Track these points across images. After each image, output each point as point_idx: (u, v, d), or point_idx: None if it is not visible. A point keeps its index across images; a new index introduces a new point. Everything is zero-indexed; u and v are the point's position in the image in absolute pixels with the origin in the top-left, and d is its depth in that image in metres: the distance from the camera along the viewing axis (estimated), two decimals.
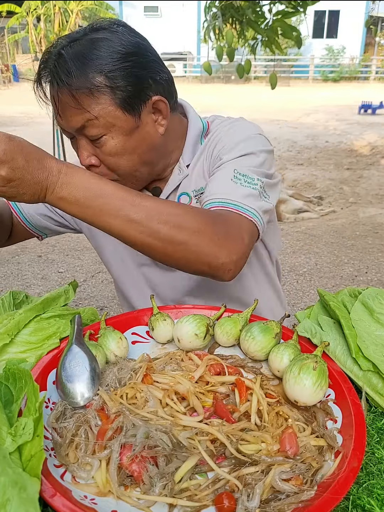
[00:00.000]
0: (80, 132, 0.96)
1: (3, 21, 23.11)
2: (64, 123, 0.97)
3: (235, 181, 0.97)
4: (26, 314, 0.83)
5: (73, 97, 0.91)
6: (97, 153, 0.99)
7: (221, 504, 0.55)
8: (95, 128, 0.95)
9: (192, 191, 1.14)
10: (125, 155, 1.00)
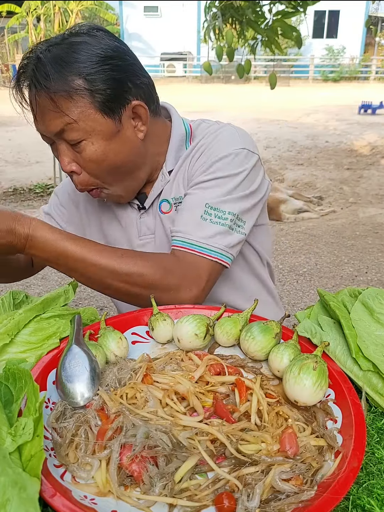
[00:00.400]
0: (59, 136, 0.96)
1: (3, 21, 23.11)
2: (42, 127, 0.97)
3: (205, 218, 1.01)
4: (26, 314, 0.83)
5: (52, 100, 0.91)
6: (78, 159, 0.99)
7: (221, 504, 0.55)
8: (74, 132, 0.95)
9: (172, 199, 1.14)
10: (106, 161, 0.99)
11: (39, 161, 7.93)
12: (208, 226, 1.00)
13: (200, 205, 1.01)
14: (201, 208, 1.01)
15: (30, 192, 6.24)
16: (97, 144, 0.97)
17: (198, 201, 1.02)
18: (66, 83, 0.91)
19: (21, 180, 6.81)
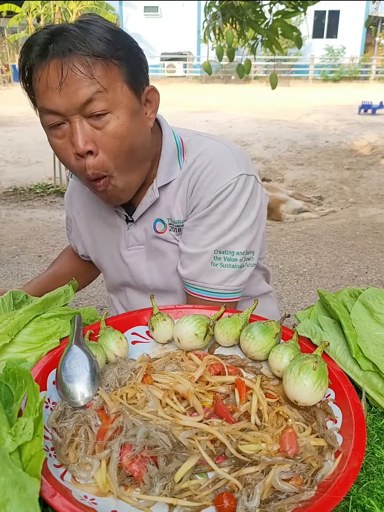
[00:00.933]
0: (82, 109, 0.89)
1: (3, 21, 23.10)
2: (63, 99, 0.89)
3: (215, 264, 1.06)
4: (26, 314, 0.83)
5: (87, 65, 0.88)
6: (97, 138, 0.92)
7: (221, 504, 0.55)
8: (102, 102, 0.90)
9: (168, 219, 1.12)
10: (128, 139, 0.94)
11: (39, 161, 7.93)
12: (219, 271, 1.06)
13: (209, 251, 1.05)
14: (209, 255, 1.05)
15: (30, 192, 6.24)
16: (122, 119, 0.93)
17: (206, 247, 1.05)
18: (101, 49, 0.89)
19: (21, 180, 6.81)
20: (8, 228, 5.04)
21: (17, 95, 13.16)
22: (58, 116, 0.91)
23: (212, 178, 1.04)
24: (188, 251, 1.08)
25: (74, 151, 0.92)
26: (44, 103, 0.91)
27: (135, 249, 1.19)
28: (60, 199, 5.98)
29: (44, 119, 0.94)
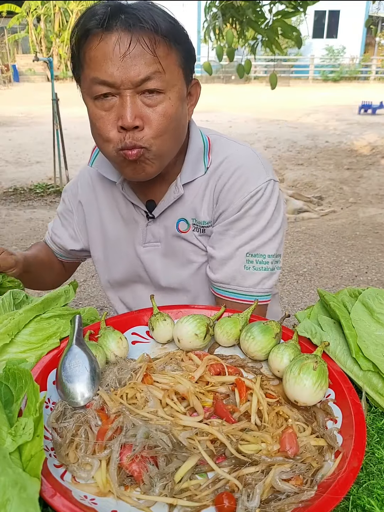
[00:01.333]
0: (138, 85, 0.91)
1: (3, 21, 23.10)
2: (122, 72, 0.89)
3: (247, 267, 1.08)
4: (26, 314, 0.83)
5: (153, 43, 0.89)
6: (145, 115, 0.93)
7: (221, 504, 0.55)
8: (159, 82, 0.92)
9: (192, 219, 1.13)
10: (175, 121, 0.97)
11: (39, 161, 7.93)
12: (253, 274, 1.08)
13: (241, 255, 1.08)
14: (242, 258, 1.08)
15: (31, 192, 6.24)
16: (173, 101, 0.95)
17: (237, 250, 1.08)
18: (168, 29, 0.91)
19: (21, 180, 6.81)
20: (8, 228, 5.04)
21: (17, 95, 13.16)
22: (111, 88, 0.92)
23: (242, 183, 1.06)
24: (219, 255, 1.09)
25: (120, 124, 0.93)
26: (99, 73, 0.91)
27: (151, 246, 1.18)
28: (60, 199, 5.98)
29: (93, 89, 0.93)
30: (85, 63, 0.93)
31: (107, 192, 1.22)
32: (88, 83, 0.94)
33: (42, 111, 12.39)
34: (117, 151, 0.97)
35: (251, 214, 1.06)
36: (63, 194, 1.34)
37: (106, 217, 1.23)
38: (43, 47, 25.03)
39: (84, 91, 0.97)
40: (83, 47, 0.92)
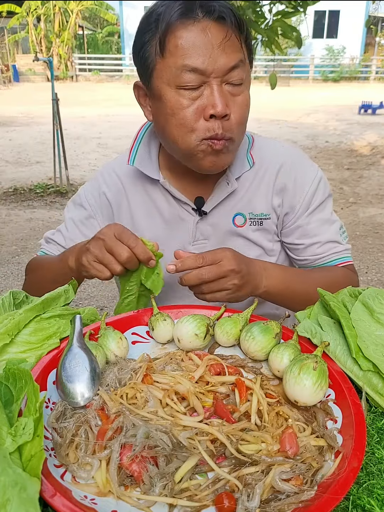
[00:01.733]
0: (225, 74, 0.94)
1: (3, 21, 23.10)
2: (213, 60, 0.91)
3: (341, 235, 1.22)
4: (26, 314, 0.83)
5: (240, 32, 0.94)
6: (231, 103, 0.96)
7: (221, 504, 0.55)
8: (242, 71, 0.96)
9: (249, 213, 1.16)
10: (248, 111, 1.02)
11: (39, 161, 7.93)
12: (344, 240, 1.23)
13: (336, 229, 1.20)
14: (337, 231, 1.20)
15: (31, 192, 6.24)
16: (248, 91, 1.01)
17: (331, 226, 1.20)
18: (243, 22, 0.95)
19: (21, 180, 6.81)
20: (8, 228, 5.04)
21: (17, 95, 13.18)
22: (201, 76, 0.93)
23: (303, 173, 1.17)
24: (323, 238, 1.18)
25: (212, 112, 0.93)
26: (190, 61, 0.91)
27: (200, 244, 1.18)
28: (60, 199, 5.98)
29: (181, 77, 0.93)
30: (169, 51, 0.93)
31: (141, 192, 1.19)
32: (173, 71, 0.93)
33: (42, 111, 12.39)
34: (201, 141, 0.98)
35: (324, 195, 1.18)
36: (78, 200, 1.25)
37: (140, 218, 1.19)
38: (43, 47, 25.04)
39: (163, 80, 0.96)
40: (167, 34, 0.92)
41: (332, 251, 1.19)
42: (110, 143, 9.33)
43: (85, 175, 7.06)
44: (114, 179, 1.21)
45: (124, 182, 1.20)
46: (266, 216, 1.16)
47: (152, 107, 1.03)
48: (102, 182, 1.22)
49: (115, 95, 17.67)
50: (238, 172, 1.13)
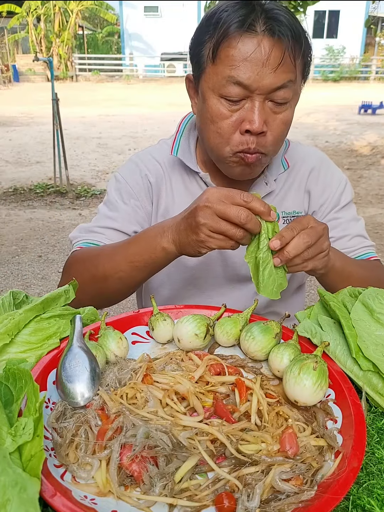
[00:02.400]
0: (271, 92, 0.92)
1: (3, 21, 23.11)
2: (260, 77, 0.90)
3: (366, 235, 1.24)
4: (26, 314, 0.83)
5: (294, 51, 0.91)
6: (270, 121, 0.96)
7: (221, 504, 0.55)
8: (289, 91, 0.94)
9: (282, 212, 1.19)
10: (288, 128, 1.02)
11: (39, 161, 7.93)
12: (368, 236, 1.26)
13: (362, 226, 1.24)
14: (364, 228, 1.24)
15: (31, 192, 6.24)
16: (293, 108, 1.00)
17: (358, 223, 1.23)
18: (304, 39, 0.94)
19: (21, 180, 6.81)
20: (8, 228, 5.04)
21: (17, 95, 13.16)
22: (244, 90, 0.92)
23: (332, 175, 1.22)
24: (352, 232, 1.20)
25: (248, 127, 0.94)
26: (235, 73, 0.91)
27: None
28: (60, 199, 5.98)
29: (226, 88, 0.93)
30: (220, 58, 0.92)
31: (180, 183, 1.19)
32: (219, 79, 0.93)
33: (42, 111, 12.39)
34: (234, 153, 0.99)
35: (350, 197, 1.23)
36: (118, 185, 1.19)
37: (178, 207, 1.15)
38: (43, 47, 25.04)
39: (209, 85, 0.96)
40: (222, 42, 0.91)
41: (362, 245, 1.21)
42: (110, 143, 9.33)
43: (85, 175, 7.06)
44: (155, 164, 1.19)
45: (165, 169, 1.19)
46: (298, 213, 1.21)
47: (198, 104, 1.05)
48: (143, 166, 1.19)
49: (115, 95, 17.67)
50: (275, 174, 1.17)
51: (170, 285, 1.24)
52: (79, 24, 25.84)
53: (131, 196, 1.18)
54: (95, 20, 30.40)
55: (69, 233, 1.22)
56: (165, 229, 0.94)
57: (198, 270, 1.21)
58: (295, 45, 0.91)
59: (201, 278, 1.22)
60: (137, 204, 1.18)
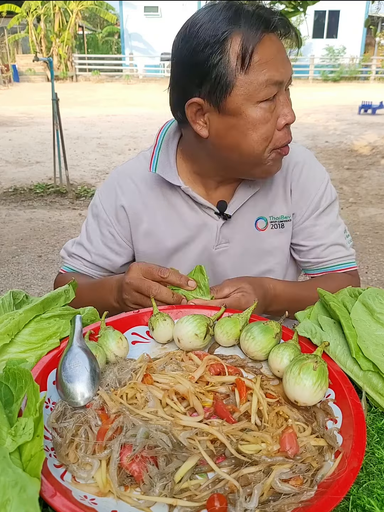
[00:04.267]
0: (287, 81, 0.99)
1: (3, 21, 23.11)
2: (283, 70, 0.96)
3: (347, 243, 1.23)
4: (26, 314, 0.83)
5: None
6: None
7: (212, 506, 0.55)
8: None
9: (270, 217, 1.18)
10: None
11: (39, 161, 7.93)
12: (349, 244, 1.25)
13: (341, 233, 1.22)
14: (342, 235, 1.23)
15: (31, 192, 6.24)
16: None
17: (336, 229, 1.22)
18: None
19: (21, 180, 6.81)
20: (8, 228, 5.04)
21: (17, 95, 13.18)
22: (277, 86, 0.96)
23: (314, 175, 1.20)
24: (327, 240, 1.20)
25: (288, 120, 0.99)
26: (273, 74, 0.94)
27: (222, 247, 1.18)
28: (60, 199, 5.98)
29: (265, 90, 0.95)
30: (250, 66, 0.93)
31: (159, 197, 1.18)
32: (255, 86, 0.94)
33: (42, 111, 12.39)
34: (272, 150, 1.02)
35: (331, 198, 1.21)
36: (96, 210, 1.23)
37: (159, 223, 1.18)
38: (43, 47, 25.05)
39: (245, 96, 0.95)
40: (249, 50, 0.92)
41: (336, 255, 1.20)
42: (110, 143, 9.33)
43: (85, 175, 7.06)
44: (130, 186, 1.20)
45: (141, 188, 1.19)
46: (287, 218, 1.19)
47: (219, 124, 1.00)
48: (119, 192, 1.20)
49: (115, 95, 17.67)
50: None
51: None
52: (79, 24, 25.84)
53: (107, 224, 1.22)
54: (95, 20, 30.41)
55: (69, 233, 1.29)
56: (112, 287, 1.06)
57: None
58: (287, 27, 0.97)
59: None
60: (112, 231, 1.22)
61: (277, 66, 0.94)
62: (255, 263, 1.20)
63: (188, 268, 1.12)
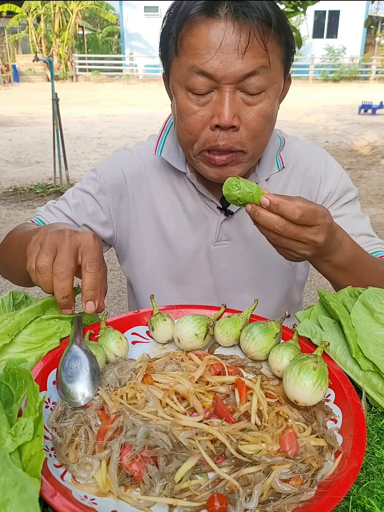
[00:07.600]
0: (240, 81, 0.85)
1: (3, 21, 23.11)
2: (226, 65, 0.83)
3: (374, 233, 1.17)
4: (26, 315, 0.83)
5: (265, 34, 0.83)
6: (243, 113, 0.88)
7: (212, 506, 0.55)
8: (262, 79, 0.86)
9: None
10: (270, 121, 0.93)
11: (39, 161, 7.93)
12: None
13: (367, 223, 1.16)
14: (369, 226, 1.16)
15: (31, 192, 6.24)
16: (272, 99, 0.90)
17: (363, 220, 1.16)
18: (277, 20, 0.84)
19: (21, 180, 6.81)
20: (8, 228, 5.03)
21: (17, 95, 13.18)
22: (210, 80, 0.85)
23: (329, 171, 1.15)
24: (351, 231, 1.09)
25: (216, 122, 0.87)
26: (198, 62, 0.84)
27: (221, 244, 1.14)
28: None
29: (190, 79, 0.87)
30: (182, 49, 0.86)
31: (166, 184, 1.13)
32: (183, 71, 0.87)
33: (42, 111, 12.39)
34: (200, 152, 0.93)
35: (354, 195, 1.16)
36: (94, 175, 1.16)
37: (162, 211, 1.13)
38: (43, 47, 25.05)
39: (176, 79, 0.91)
40: (182, 31, 0.85)
41: (369, 243, 1.12)
42: (110, 143, 9.33)
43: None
44: (138, 162, 1.15)
45: (148, 169, 1.14)
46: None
47: (172, 104, 0.98)
48: (125, 163, 1.15)
49: (115, 95, 17.67)
50: (267, 173, 1.10)
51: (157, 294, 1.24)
52: (79, 24, 25.85)
53: (101, 191, 1.14)
54: (95, 20, 30.40)
55: None
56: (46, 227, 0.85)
57: (192, 276, 1.17)
58: (263, 27, 0.83)
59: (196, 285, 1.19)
60: (105, 199, 1.14)
61: (211, 56, 0.82)
62: (254, 264, 1.19)
63: (184, 261, 1.12)
